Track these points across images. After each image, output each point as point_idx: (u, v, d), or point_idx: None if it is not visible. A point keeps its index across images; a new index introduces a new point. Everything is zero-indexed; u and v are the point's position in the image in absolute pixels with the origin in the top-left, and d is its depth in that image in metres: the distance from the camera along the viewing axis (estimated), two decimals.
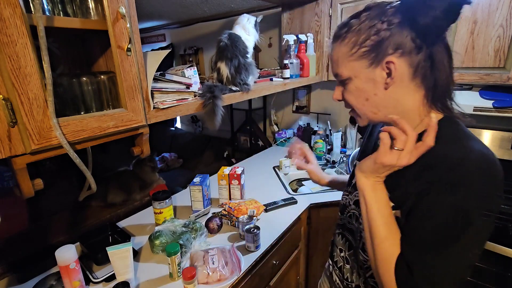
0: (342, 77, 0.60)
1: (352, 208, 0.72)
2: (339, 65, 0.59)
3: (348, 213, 0.73)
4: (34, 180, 0.69)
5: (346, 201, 0.75)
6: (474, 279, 1.39)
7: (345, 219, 0.74)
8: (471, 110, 1.43)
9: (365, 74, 0.56)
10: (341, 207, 0.78)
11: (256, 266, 1.09)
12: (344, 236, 0.75)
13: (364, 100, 0.59)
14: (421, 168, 0.53)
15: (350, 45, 0.57)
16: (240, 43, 1.20)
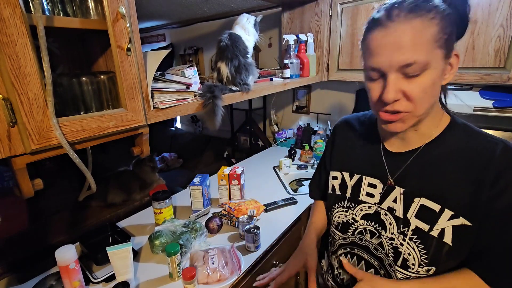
0: (424, 66, 0.48)
1: (361, 224, 0.66)
2: (422, 50, 0.47)
3: (356, 229, 0.67)
4: (34, 180, 0.69)
5: (347, 218, 0.68)
6: None
7: (353, 237, 0.68)
8: (471, 110, 1.43)
9: (440, 65, 0.50)
10: (341, 226, 0.70)
11: (256, 266, 1.09)
12: (354, 255, 0.69)
13: (431, 97, 0.52)
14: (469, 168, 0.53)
15: (438, 28, 0.47)
16: (240, 43, 1.20)
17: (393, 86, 0.50)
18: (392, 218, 0.60)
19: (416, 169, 0.59)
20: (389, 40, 0.48)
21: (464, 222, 0.53)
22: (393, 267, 0.60)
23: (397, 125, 0.54)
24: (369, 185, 0.65)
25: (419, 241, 0.56)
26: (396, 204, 0.60)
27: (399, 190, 0.60)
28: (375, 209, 0.63)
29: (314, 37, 1.82)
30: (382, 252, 0.63)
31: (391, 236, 0.60)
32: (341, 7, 1.73)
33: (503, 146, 0.52)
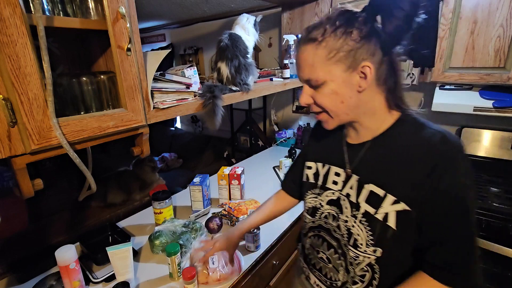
0: (318, 81, 0.60)
1: (326, 209, 0.73)
2: (315, 69, 0.59)
3: (322, 214, 0.74)
4: (34, 180, 0.69)
5: (316, 203, 0.76)
6: None
7: (320, 221, 0.75)
8: (471, 110, 1.43)
9: (342, 78, 0.59)
10: (311, 210, 0.77)
11: (256, 266, 1.09)
12: (320, 237, 0.75)
13: (339, 103, 0.61)
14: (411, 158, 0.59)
15: (327, 50, 0.57)
16: (240, 43, 1.20)
17: (304, 93, 0.64)
18: (348, 202, 0.67)
19: (368, 159, 0.66)
20: (297, 60, 0.63)
21: (405, 208, 0.58)
22: (347, 246, 0.68)
23: (324, 124, 0.67)
24: (335, 174, 0.72)
25: (367, 223, 0.63)
26: (352, 190, 0.67)
27: (355, 178, 0.67)
28: (337, 195, 0.71)
29: None
30: (339, 233, 0.70)
31: (346, 219, 0.68)
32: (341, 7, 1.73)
33: (441, 136, 0.58)
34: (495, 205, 1.30)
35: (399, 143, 0.62)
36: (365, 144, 0.67)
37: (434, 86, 1.61)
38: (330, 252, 0.73)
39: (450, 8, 1.39)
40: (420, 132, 0.60)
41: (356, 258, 0.66)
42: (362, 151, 0.67)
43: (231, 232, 0.94)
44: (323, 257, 0.75)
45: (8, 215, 1.22)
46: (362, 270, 0.66)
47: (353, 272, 0.68)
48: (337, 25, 0.57)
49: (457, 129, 1.80)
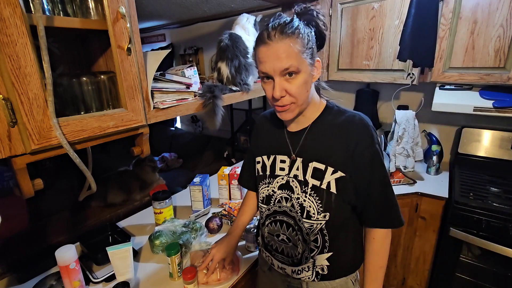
0: (295, 70, 0.67)
1: (278, 194, 0.82)
2: (293, 59, 0.66)
3: (276, 199, 0.83)
4: (34, 180, 0.69)
5: (269, 191, 0.84)
6: (474, 279, 1.39)
7: (274, 206, 0.84)
8: (471, 110, 1.43)
9: (308, 69, 0.69)
10: (265, 199, 0.86)
11: (256, 266, 1.09)
12: (277, 221, 0.84)
13: (306, 92, 0.71)
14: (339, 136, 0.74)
15: (301, 43, 0.67)
16: (240, 44, 1.20)
17: (278, 86, 0.68)
18: (297, 182, 0.78)
19: (308, 142, 0.78)
20: (271, 53, 0.67)
21: (341, 174, 0.73)
22: (301, 220, 0.78)
23: (287, 114, 0.73)
24: (280, 162, 0.82)
25: (315, 194, 0.75)
26: (298, 171, 0.78)
27: (299, 160, 0.78)
28: (286, 179, 0.80)
29: None
30: (293, 211, 0.79)
31: (297, 196, 0.78)
32: (341, 7, 1.73)
33: (359, 117, 0.76)
34: (495, 205, 1.30)
35: (330, 126, 0.76)
36: (304, 130, 0.79)
37: (434, 86, 1.61)
38: (289, 231, 0.82)
39: (450, 8, 1.39)
40: (343, 115, 0.77)
41: (311, 228, 0.77)
42: (302, 137, 0.79)
43: (228, 240, 0.97)
44: (284, 238, 0.83)
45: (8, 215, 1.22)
46: (314, 236, 0.78)
47: (309, 240, 0.79)
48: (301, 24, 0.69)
49: (457, 129, 1.80)
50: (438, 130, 1.90)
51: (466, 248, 1.39)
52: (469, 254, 1.39)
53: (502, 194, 1.40)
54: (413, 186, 1.56)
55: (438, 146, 1.73)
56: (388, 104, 2.01)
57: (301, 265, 0.81)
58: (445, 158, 1.86)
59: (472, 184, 1.48)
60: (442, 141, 1.85)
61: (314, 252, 0.79)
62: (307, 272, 0.81)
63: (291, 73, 0.67)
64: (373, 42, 1.65)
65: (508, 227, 1.23)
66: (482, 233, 1.29)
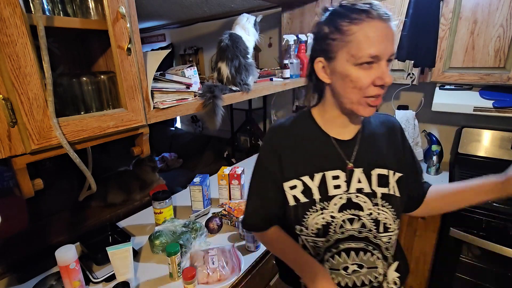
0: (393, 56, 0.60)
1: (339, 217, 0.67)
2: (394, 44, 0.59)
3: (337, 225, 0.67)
4: (34, 180, 0.69)
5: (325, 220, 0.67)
6: (474, 279, 1.39)
7: (336, 235, 0.67)
8: (471, 110, 1.43)
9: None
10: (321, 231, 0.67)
11: (256, 266, 1.09)
12: (342, 251, 0.68)
13: None
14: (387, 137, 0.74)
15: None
16: (240, 44, 1.20)
17: (387, 70, 0.59)
18: (364, 196, 0.67)
19: (364, 149, 0.70)
20: (388, 32, 0.57)
21: (399, 175, 0.71)
22: (377, 236, 0.68)
23: (373, 109, 0.63)
24: (333, 178, 0.68)
25: (387, 203, 0.68)
26: (361, 183, 0.68)
27: (359, 171, 0.69)
28: (345, 197, 0.67)
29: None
30: (365, 230, 0.67)
31: (369, 212, 0.67)
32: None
33: (390, 116, 0.78)
34: (495, 205, 1.30)
35: (376, 128, 0.73)
36: (356, 136, 0.71)
37: (434, 86, 1.61)
38: (360, 256, 0.68)
39: (450, 8, 1.39)
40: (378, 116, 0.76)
41: (389, 241, 0.69)
42: (357, 143, 0.70)
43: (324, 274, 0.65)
44: (354, 268, 0.68)
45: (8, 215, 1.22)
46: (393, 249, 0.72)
47: (389, 256, 0.71)
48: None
49: (457, 129, 1.80)
50: (438, 130, 1.90)
51: (466, 248, 1.39)
52: (469, 254, 1.39)
53: None
54: None
55: (438, 146, 1.73)
56: (388, 104, 2.01)
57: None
58: (445, 158, 1.86)
59: None
60: (442, 141, 1.85)
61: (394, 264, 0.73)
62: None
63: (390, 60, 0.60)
64: None
65: (508, 227, 1.23)
66: (482, 233, 1.30)
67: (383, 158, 0.70)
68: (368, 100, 0.61)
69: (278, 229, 0.78)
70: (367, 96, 0.60)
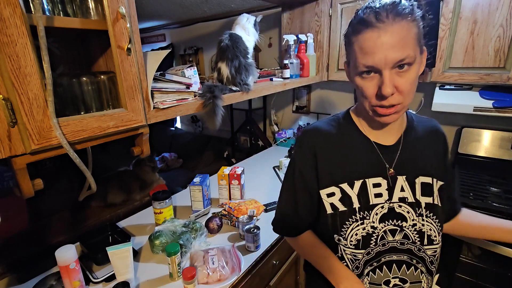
0: (410, 61, 0.53)
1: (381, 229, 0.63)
2: (409, 47, 0.53)
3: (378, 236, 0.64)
4: (34, 180, 0.69)
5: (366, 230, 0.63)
6: (474, 279, 1.39)
7: (376, 247, 0.64)
8: (471, 110, 1.43)
9: (419, 60, 0.57)
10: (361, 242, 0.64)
11: (256, 266, 1.09)
12: (384, 264, 0.65)
13: (415, 89, 0.58)
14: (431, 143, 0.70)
15: (418, 27, 0.54)
16: (241, 44, 1.20)
17: (389, 81, 0.54)
18: (407, 206, 0.64)
19: (407, 155, 0.66)
20: (384, 40, 0.52)
21: (441, 183, 0.67)
22: (421, 249, 0.64)
23: (392, 117, 0.58)
24: (374, 186, 0.64)
25: (431, 214, 0.64)
26: (405, 192, 0.64)
27: (402, 178, 0.64)
28: (387, 206, 0.63)
29: (314, 37, 1.82)
30: (408, 242, 0.64)
31: (413, 223, 0.63)
32: (341, 7, 1.73)
33: (435, 122, 0.74)
34: (495, 205, 1.30)
35: (420, 134, 0.69)
36: (399, 142, 0.66)
37: (434, 86, 1.61)
38: (402, 270, 0.65)
39: (450, 8, 1.39)
40: (422, 121, 0.72)
41: (434, 254, 0.66)
42: (399, 149, 0.65)
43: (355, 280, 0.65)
44: (396, 282, 0.65)
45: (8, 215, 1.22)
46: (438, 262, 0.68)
47: (434, 270, 0.67)
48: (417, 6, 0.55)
49: (457, 129, 1.80)
50: None
51: (466, 248, 1.39)
52: (469, 254, 1.39)
53: (502, 194, 1.40)
54: None
55: None
56: None
57: None
58: None
59: (472, 184, 1.48)
60: None
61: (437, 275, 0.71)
62: None
63: (403, 65, 0.53)
64: None
65: None
66: None
67: (427, 165, 0.66)
68: (376, 108, 0.58)
69: (310, 235, 0.75)
70: (373, 105, 0.58)
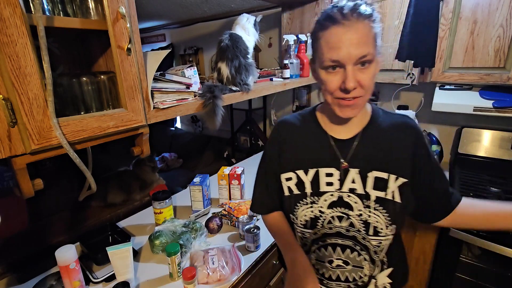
0: (370, 58, 0.59)
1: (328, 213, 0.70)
2: (370, 45, 0.59)
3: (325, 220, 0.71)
4: (34, 180, 0.69)
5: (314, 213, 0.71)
6: (474, 279, 1.39)
7: (323, 229, 0.72)
8: (471, 110, 1.43)
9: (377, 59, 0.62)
10: (310, 223, 0.72)
11: (256, 266, 1.09)
12: (328, 245, 0.73)
13: (374, 84, 0.63)
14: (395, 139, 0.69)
15: (376, 28, 0.60)
16: (241, 44, 1.20)
17: (352, 76, 0.59)
18: (356, 197, 0.69)
19: (363, 150, 0.69)
20: (348, 36, 0.57)
21: (403, 181, 0.68)
22: (366, 238, 0.70)
23: (353, 111, 0.64)
24: (326, 175, 0.71)
25: (381, 207, 0.68)
26: (355, 183, 0.69)
27: (354, 171, 0.69)
28: (337, 194, 0.70)
29: None
30: (354, 230, 0.70)
31: (360, 213, 0.69)
32: None
33: (407, 118, 0.71)
34: None
35: (383, 130, 0.70)
36: (355, 137, 0.70)
37: (434, 86, 1.61)
38: (346, 254, 0.72)
39: (450, 8, 1.39)
40: (391, 117, 0.71)
41: (379, 245, 0.70)
42: (354, 143, 0.70)
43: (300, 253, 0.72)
44: (339, 263, 0.73)
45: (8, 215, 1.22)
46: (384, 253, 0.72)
47: (378, 260, 0.72)
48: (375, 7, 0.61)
49: (457, 129, 1.80)
50: (438, 130, 1.90)
51: (466, 248, 1.39)
52: (469, 254, 1.39)
53: (502, 194, 1.39)
54: None
55: (438, 146, 1.73)
56: (388, 104, 2.01)
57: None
58: (445, 158, 1.86)
59: (472, 184, 1.48)
60: (442, 141, 1.85)
61: (387, 270, 0.74)
62: None
63: (365, 63, 0.59)
64: None
65: None
66: (482, 233, 1.29)
67: (385, 161, 0.68)
68: (339, 101, 0.63)
69: (278, 214, 0.84)
70: (337, 97, 0.63)
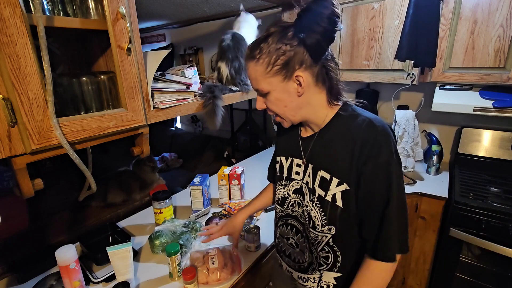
0: (263, 91, 0.69)
1: (292, 198, 0.81)
2: (258, 82, 0.68)
3: (289, 203, 0.82)
4: (34, 180, 0.69)
5: (284, 194, 0.84)
6: (474, 279, 1.39)
7: (287, 209, 0.83)
8: (471, 110, 1.43)
9: (280, 87, 0.67)
10: (280, 201, 0.85)
11: (256, 266, 1.09)
12: (289, 224, 0.83)
13: (283, 107, 0.70)
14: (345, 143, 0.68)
15: (264, 65, 0.65)
16: (243, 45, 1.20)
17: (258, 100, 0.74)
18: (307, 189, 0.76)
19: (317, 149, 0.75)
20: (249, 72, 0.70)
21: (346, 187, 0.68)
22: (308, 229, 0.77)
23: (283, 122, 0.75)
24: (297, 165, 0.80)
25: (320, 205, 0.72)
26: (309, 178, 0.75)
27: (310, 167, 0.75)
28: (300, 184, 0.79)
29: None
30: (303, 217, 0.78)
31: (307, 204, 0.76)
32: (341, 7, 1.72)
33: (367, 121, 0.67)
34: (495, 205, 1.30)
35: (337, 132, 0.71)
36: (313, 136, 0.76)
37: (434, 86, 1.61)
38: (298, 237, 0.81)
39: (450, 8, 1.39)
40: (353, 120, 0.69)
41: (316, 239, 0.75)
42: (311, 142, 0.76)
43: (235, 216, 1.01)
44: (292, 242, 0.83)
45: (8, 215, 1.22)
46: (324, 251, 0.75)
47: (316, 252, 0.77)
48: (269, 43, 0.64)
49: (457, 129, 1.80)
50: (438, 130, 1.90)
51: (466, 248, 1.39)
52: (469, 254, 1.39)
53: (502, 194, 1.40)
54: (413, 186, 1.56)
55: (438, 146, 1.73)
56: (388, 104, 2.01)
57: (306, 274, 0.80)
58: (445, 158, 1.86)
59: (472, 184, 1.48)
60: (442, 141, 1.85)
61: (323, 267, 0.77)
62: (313, 283, 0.80)
63: (263, 94, 0.70)
64: (373, 42, 1.65)
65: (508, 227, 1.23)
66: (482, 233, 1.29)
67: (331, 164, 0.70)
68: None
69: (271, 185, 1.04)
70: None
